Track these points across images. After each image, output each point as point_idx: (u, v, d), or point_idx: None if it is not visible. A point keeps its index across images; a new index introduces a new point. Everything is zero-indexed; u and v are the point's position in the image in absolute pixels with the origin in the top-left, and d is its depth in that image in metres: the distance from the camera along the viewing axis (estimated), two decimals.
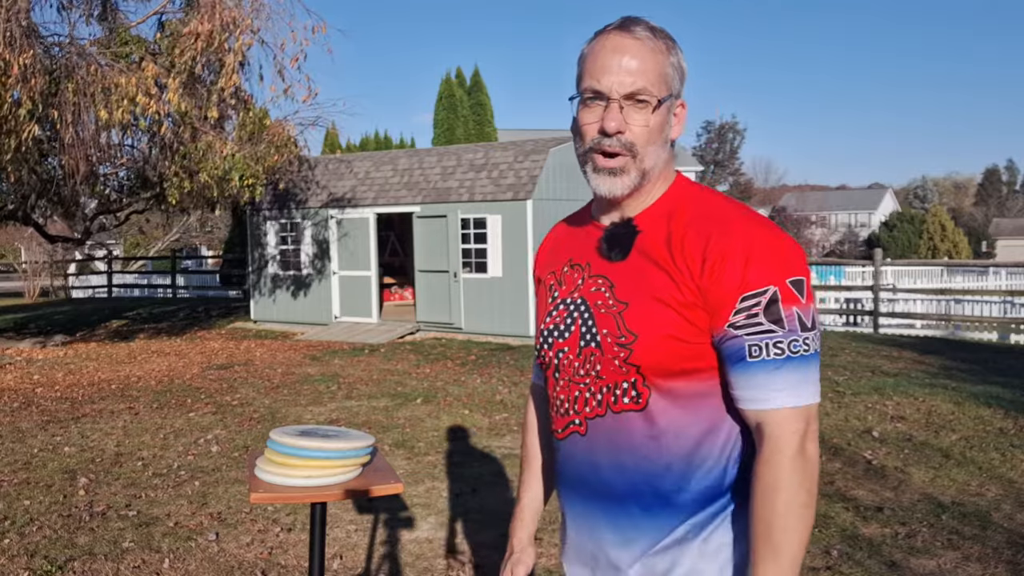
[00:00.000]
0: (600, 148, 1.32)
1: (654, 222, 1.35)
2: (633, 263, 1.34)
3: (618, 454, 1.33)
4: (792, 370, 1.23)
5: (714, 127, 51.82)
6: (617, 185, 1.32)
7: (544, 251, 1.58)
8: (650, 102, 1.30)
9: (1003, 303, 14.14)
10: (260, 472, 1.93)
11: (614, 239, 1.38)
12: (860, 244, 49.79)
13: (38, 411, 7.42)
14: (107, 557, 3.97)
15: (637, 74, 1.29)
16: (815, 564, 3.75)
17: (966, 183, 73.18)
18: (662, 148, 1.34)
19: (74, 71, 9.56)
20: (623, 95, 1.29)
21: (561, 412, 1.42)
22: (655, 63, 1.31)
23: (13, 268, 28.40)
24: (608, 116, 1.30)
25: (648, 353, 1.28)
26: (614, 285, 1.35)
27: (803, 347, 1.23)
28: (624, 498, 1.33)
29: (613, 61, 1.30)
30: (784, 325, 1.23)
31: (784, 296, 1.23)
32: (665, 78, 1.32)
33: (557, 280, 1.48)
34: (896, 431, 6.06)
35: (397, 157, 14.75)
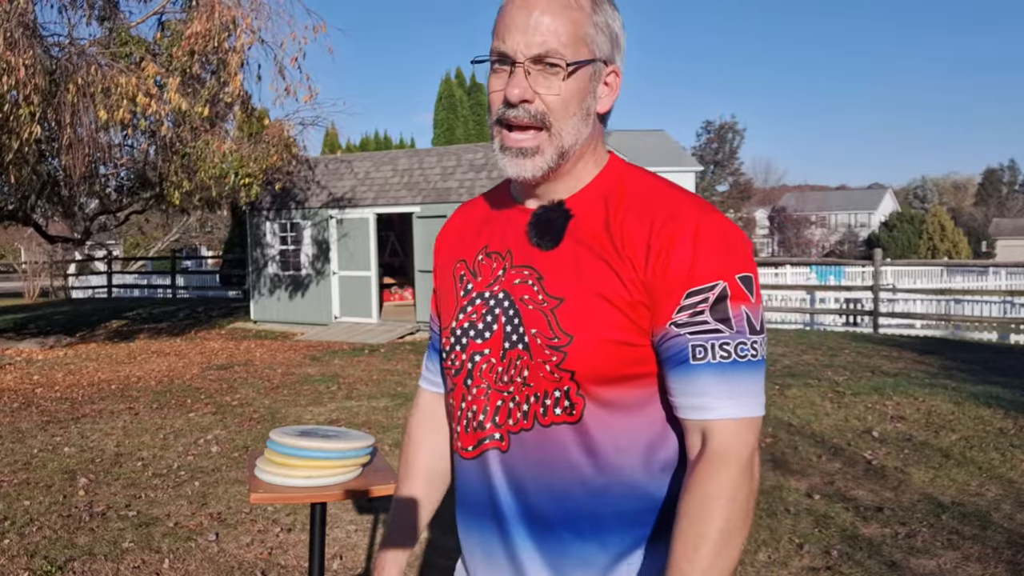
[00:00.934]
0: (506, 120, 1.13)
1: (589, 206, 1.16)
2: (566, 252, 1.15)
3: (547, 474, 1.13)
4: (740, 376, 1.07)
5: (714, 127, 51.75)
6: (527, 167, 1.13)
7: (449, 236, 1.34)
8: (561, 66, 1.10)
9: (1003, 303, 14.14)
10: (260, 472, 1.93)
11: (544, 224, 1.18)
12: (860, 244, 49.80)
13: (38, 411, 7.41)
14: (107, 557, 3.97)
15: (547, 33, 1.09)
16: (815, 564, 3.75)
17: (966, 183, 73.19)
18: (583, 122, 1.14)
19: (75, 71, 9.56)
20: (529, 57, 1.10)
21: (473, 426, 1.19)
22: (570, 21, 1.10)
23: (13, 268, 28.40)
24: (511, 82, 1.10)
25: (585, 358, 1.10)
26: (543, 277, 1.15)
27: (751, 351, 1.07)
28: (555, 524, 1.14)
29: (520, 17, 1.10)
30: (732, 325, 1.07)
31: (733, 293, 1.07)
32: (584, 39, 1.12)
33: (470, 270, 1.25)
34: (896, 431, 6.05)
35: (397, 157, 14.75)
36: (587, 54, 1.12)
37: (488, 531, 1.20)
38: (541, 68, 1.10)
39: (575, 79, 1.12)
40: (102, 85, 9.62)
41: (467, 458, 1.22)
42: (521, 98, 1.10)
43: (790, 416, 6.58)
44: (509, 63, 1.11)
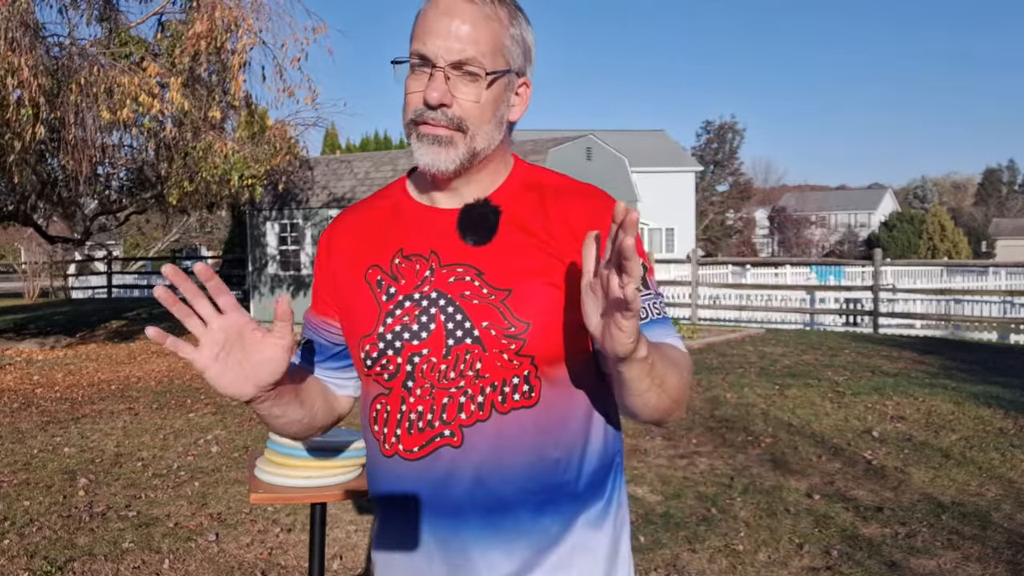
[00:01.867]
0: (422, 119, 1.16)
1: (512, 200, 1.22)
2: (503, 245, 1.19)
3: (505, 458, 1.16)
4: (668, 325, 1.22)
5: (714, 127, 51.75)
6: (441, 157, 1.16)
7: (339, 246, 1.30)
8: (480, 74, 1.14)
9: (1003, 303, 14.15)
10: (260, 472, 1.93)
11: (476, 220, 1.20)
12: (860, 244, 49.81)
13: (38, 412, 7.42)
14: (107, 558, 3.97)
15: (467, 41, 1.13)
16: (815, 564, 3.75)
17: (966, 183, 73.20)
18: (497, 129, 1.19)
19: (77, 71, 9.57)
20: (450, 63, 1.14)
21: (419, 427, 1.18)
22: (490, 31, 1.15)
23: (13, 269, 28.40)
24: (431, 85, 1.14)
25: (544, 341, 1.15)
26: (484, 272, 1.18)
27: (664, 310, 1.24)
28: (514, 505, 1.17)
29: (441, 24, 1.14)
30: (651, 288, 1.21)
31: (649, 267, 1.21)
32: (502, 50, 1.17)
33: (388, 275, 1.23)
34: (896, 431, 6.05)
35: (397, 157, 14.75)
36: (503, 64, 1.17)
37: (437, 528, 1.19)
38: (460, 74, 1.14)
39: (493, 88, 1.16)
40: (105, 85, 9.62)
41: (412, 459, 1.19)
42: (440, 101, 1.14)
43: (790, 416, 6.58)
44: (429, 66, 1.14)
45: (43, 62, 9.07)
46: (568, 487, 1.20)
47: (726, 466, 5.31)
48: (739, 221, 51.89)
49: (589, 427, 1.22)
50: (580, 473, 1.20)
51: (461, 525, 1.18)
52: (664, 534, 4.14)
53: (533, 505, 1.18)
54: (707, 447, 5.75)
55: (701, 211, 44.69)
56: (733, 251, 49.02)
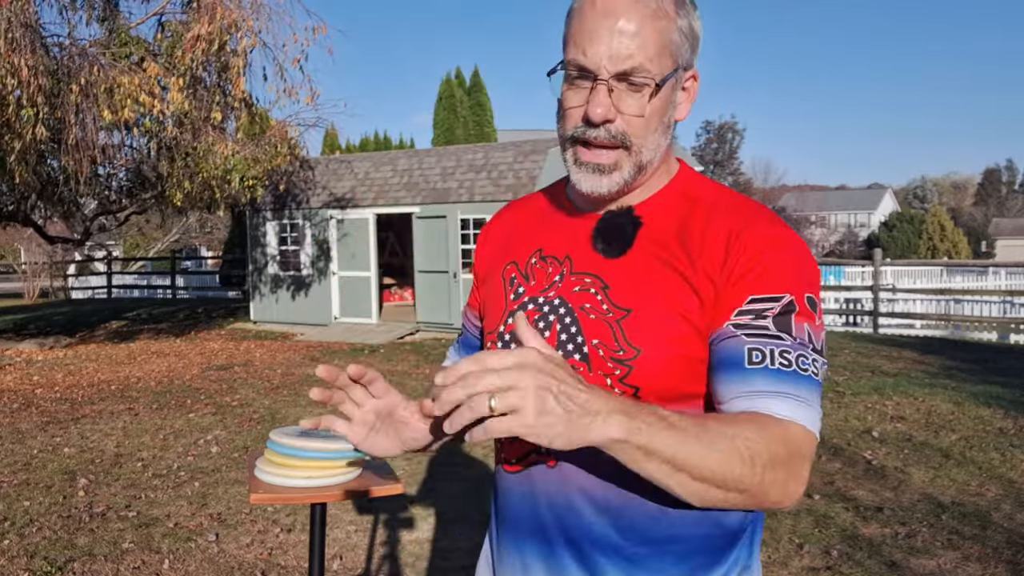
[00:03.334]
0: (584, 138, 1.06)
1: (660, 213, 1.11)
2: (636, 261, 1.09)
3: (598, 490, 1.07)
4: (800, 386, 0.96)
5: (714, 127, 51.81)
6: (603, 183, 1.07)
7: (493, 239, 1.28)
8: (648, 84, 1.03)
9: (1003, 303, 14.15)
10: (260, 473, 1.93)
11: (612, 230, 1.12)
12: (860, 244, 49.81)
13: (38, 412, 7.41)
14: (107, 558, 3.97)
15: (632, 47, 1.01)
16: (815, 564, 3.75)
17: (965, 183, 73.21)
18: (663, 136, 1.08)
19: (77, 72, 9.57)
20: (613, 74, 1.02)
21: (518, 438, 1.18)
22: (656, 30, 1.02)
23: (13, 269, 28.40)
24: (594, 101, 1.03)
25: (652, 373, 1.04)
26: (608, 287, 1.09)
27: (812, 368, 0.98)
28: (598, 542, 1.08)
29: (603, 26, 1.01)
30: (794, 337, 0.99)
31: (800, 309, 1.00)
32: (670, 48, 1.04)
33: (521, 273, 1.19)
34: (896, 431, 6.05)
35: (397, 158, 14.75)
36: (671, 65, 1.05)
37: (529, 552, 1.13)
38: (625, 86, 1.03)
39: (660, 95, 1.05)
40: (105, 85, 9.62)
41: (511, 472, 1.15)
42: (604, 118, 1.03)
43: None
44: (591, 78, 1.03)
45: (43, 62, 9.08)
46: (657, 540, 1.06)
47: None
48: None
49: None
50: (674, 529, 1.06)
51: (556, 555, 1.10)
52: None
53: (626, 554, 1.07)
54: None
55: None
56: None
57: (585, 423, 0.84)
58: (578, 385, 0.86)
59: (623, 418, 0.86)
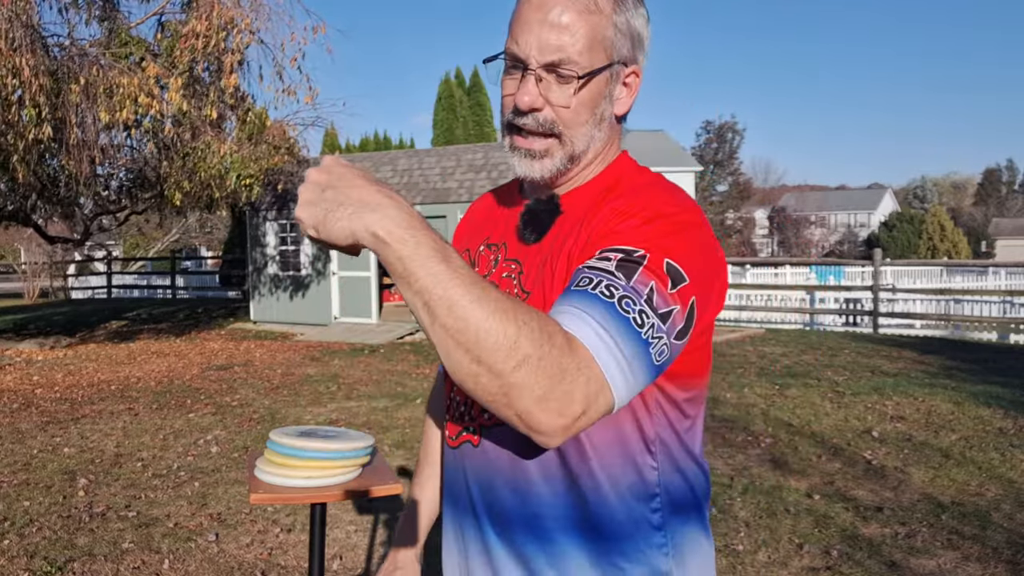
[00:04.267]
0: (516, 125, 1.09)
1: (580, 202, 1.13)
2: (544, 247, 1.12)
3: (519, 469, 1.10)
4: (613, 324, 0.90)
5: (714, 127, 51.75)
6: (535, 168, 1.10)
7: (462, 227, 1.35)
8: (575, 76, 1.05)
9: (1003, 303, 14.15)
10: (260, 473, 1.93)
11: (531, 218, 1.16)
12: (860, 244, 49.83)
13: (38, 412, 7.41)
14: (107, 558, 3.97)
15: (562, 39, 1.04)
16: (815, 564, 3.75)
17: (965, 183, 73.21)
18: (596, 127, 1.10)
19: (78, 72, 9.57)
20: (542, 64, 1.05)
21: (456, 416, 1.19)
22: (587, 25, 1.05)
23: (12, 269, 28.40)
24: (522, 90, 1.06)
25: None
26: (523, 272, 1.13)
27: (636, 316, 0.91)
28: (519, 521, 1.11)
29: (535, 18, 1.04)
30: (630, 281, 0.93)
31: (651, 266, 0.95)
32: (603, 43, 1.06)
33: (471, 260, 1.23)
34: (896, 431, 6.05)
35: (396, 158, 14.75)
36: (603, 59, 1.07)
37: (466, 523, 1.18)
38: (554, 77, 1.06)
39: (588, 88, 1.07)
40: (104, 85, 9.63)
41: (451, 446, 1.21)
42: (530, 107, 1.06)
43: (790, 416, 6.58)
44: (522, 67, 1.07)
45: (44, 62, 9.08)
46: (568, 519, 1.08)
47: (726, 466, 5.31)
48: (739, 221, 51.89)
49: (612, 456, 1.07)
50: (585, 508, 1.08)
51: (482, 525, 1.15)
52: None
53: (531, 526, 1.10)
54: (707, 447, 5.75)
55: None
56: (733, 251, 49.03)
57: (347, 212, 0.86)
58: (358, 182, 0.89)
59: (390, 223, 0.85)
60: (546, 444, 0.90)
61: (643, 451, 1.09)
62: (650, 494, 1.10)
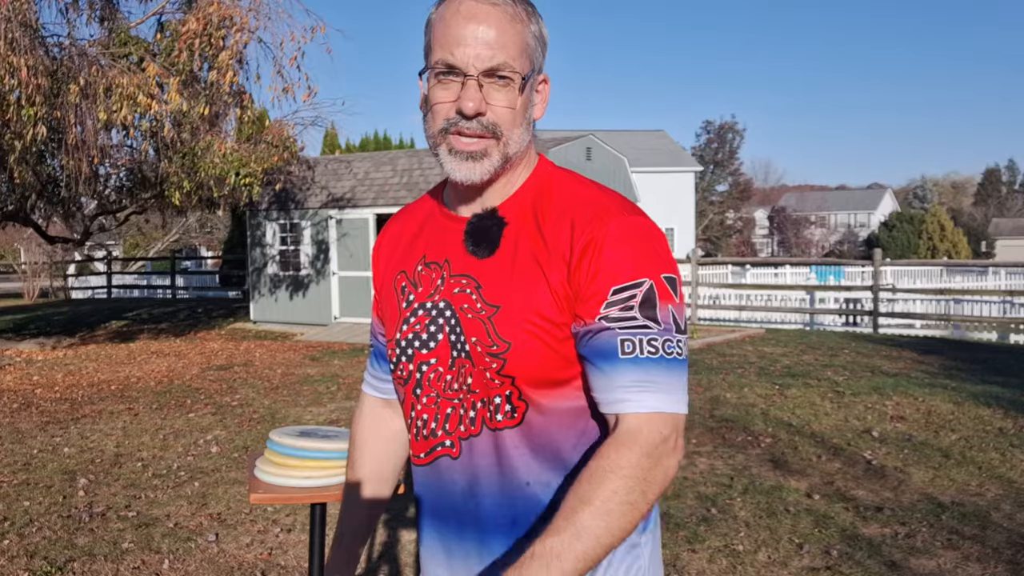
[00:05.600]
0: (458, 130, 1.14)
1: (520, 211, 1.18)
2: (503, 259, 1.16)
3: (497, 477, 1.17)
4: (665, 372, 1.07)
5: (714, 127, 51.77)
6: (476, 170, 1.15)
7: (385, 246, 1.36)
8: (513, 80, 1.13)
9: (1003, 303, 14.15)
10: (260, 473, 1.93)
11: (480, 232, 1.19)
12: (860, 244, 49.84)
13: (37, 412, 7.41)
14: (107, 558, 3.97)
15: (496, 47, 1.11)
16: (815, 564, 3.75)
17: (965, 183, 73.22)
18: (526, 131, 1.17)
19: (77, 72, 9.57)
20: (482, 71, 1.11)
21: (424, 434, 1.23)
22: (516, 34, 1.13)
23: (12, 269, 28.41)
24: (466, 95, 1.11)
25: (523, 364, 1.13)
26: (481, 286, 1.17)
27: (677, 349, 1.09)
28: (505, 525, 1.18)
29: (467, 31, 1.11)
30: (660, 323, 1.08)
31: (660, 292, 1.09)
32: (527, 51, 1.14)
33: (411, 281, 1.26)
34: (896, 431, 6.05)
35: (397, 157, 14.75)
36: (529, 66, 1.15)
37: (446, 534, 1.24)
38: (492, 81, 1.12)
39: (524, 91, 1.15)
40: (103, 85, 9.62)
41: (419, 465, 1.26)
42: (476, 111, 1.12)
43: (790, 416, 6.58)
44: (460, 75, 1.12)
45: (43, 62, 9.08)
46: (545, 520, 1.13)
47: (726, 466, 5.31)
48: (739, 221, 51.92)
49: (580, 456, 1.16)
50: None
51: (464, 535, 1.21)
52: (664, 534, 4.13)
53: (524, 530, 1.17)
54: (707, 447, 5.75)
55: (701, 211, 44.70)
56: (733, 251, 49.04)
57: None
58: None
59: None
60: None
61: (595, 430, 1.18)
62: None
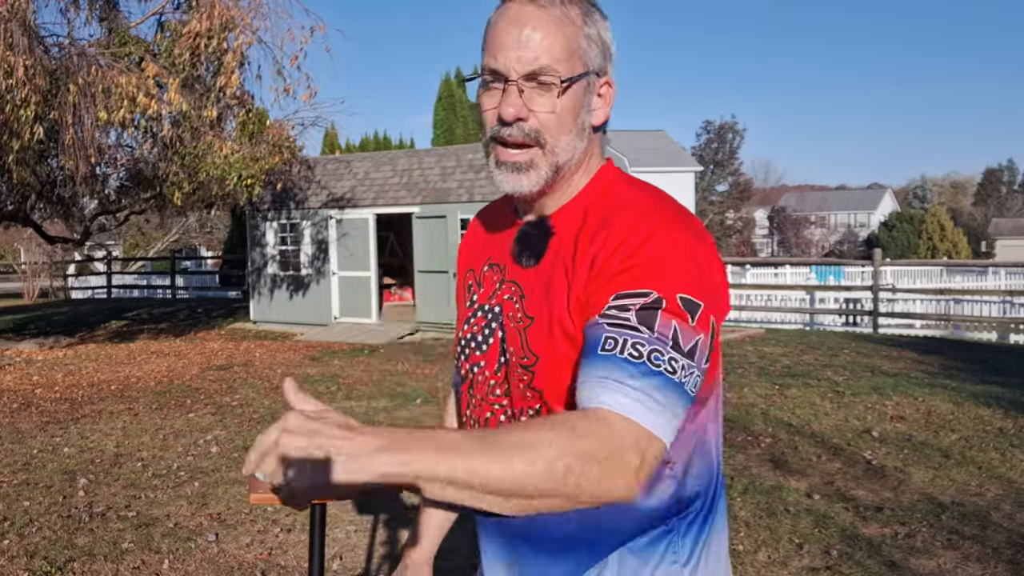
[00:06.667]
0: (500, 137, 1.11)
1: (571, 220, 1.14)
2: (543, 270, 1.13)
3: None
4: (644, 381, 0.94)
5: (714, 127, 51.75)
6: (523, 182, 1.11)
7: (466, 245, 1.35)
8: (555, 83, 1.08)
9: (1003, 303, 14.14)
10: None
11: (525, 241, 1.17)
12: (859, 244, 49.84)
13: (37, 412, 7.41)
14: (107, 558, 3.97)
15: (539, 50, 1.07)
16: (815, 564, 3.75)
17: (965, 183, 73.20)
18: (579, 137, 1.12)
19: (76, 72, 9.56)
20: (523, 75, 1.08)
21: None
22: (563, 35, 1.08)
23: (12, 269, 28.40)
24: (505, 101, 1.08)
25: (550, 378, 1.09)
26: (524, 296, 1.14)
27: (667, 366, 0.95)
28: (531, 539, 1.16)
29: (511, 35, 1.08)
30: (654, 331, 0.96)
31: (670, 307, 0.98)
32: (577, 53, 1.10)
33: (476, 280, 1.25)
34: (896, 431, 6.05)
35: (396, 157, 14.75)
36: (580, 68, 1.10)
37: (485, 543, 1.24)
38: (535, 85, 1.08)
39: (569, 95, 1.10)
40: (103, 85, 9.62)
41: None
42: (515, 116, 1.09)
43: (790, 416, 6.58)
44: (502, 80, 1.09)
45: (42, 62, 9.07)
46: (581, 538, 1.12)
47: (726, 466, 5.31)
48: (739, 221, 51.89)
49: None
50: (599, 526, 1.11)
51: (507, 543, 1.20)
52: None
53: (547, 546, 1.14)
54: None
55: (701, 211, 44.70)
56: (733, 251, 49.02)
57: (351, 467, 0.85)
58: (337, 433, 0.86)
59: (387, 456, 0.85)
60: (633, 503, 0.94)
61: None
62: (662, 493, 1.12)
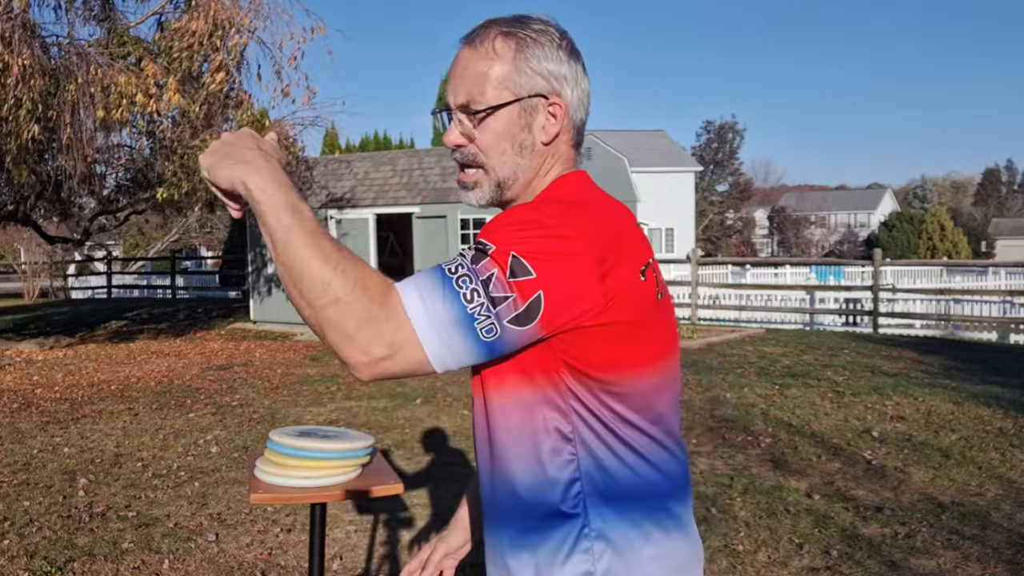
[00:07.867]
0: (456, 161, 1.29)
1: None
2: None
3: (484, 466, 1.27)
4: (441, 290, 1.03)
5: (714, 127, 51.76)
6: (472, 198, 1.27)
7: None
8: (478, 111, 1.21)
9: (1003, 303, 14.15)
10: (260, 473, 1.93)
11: None
12: (859, 244, 49.85)
13: (37, 412, 7.41)
14: (107, 558, 3.97)
15: (467, 83, 1.21)
16: (815, 564, 3.75)
17: (965, 183, 73.22)
18: (519, 155, 1.22)
19: (74, 71, 9.56)
20: (457, 106, 1.23)
21: None
22: (486, 67, 1.20)
23: (12, 269, 28.41)
24: (447, 132, 1.26)
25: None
26: None
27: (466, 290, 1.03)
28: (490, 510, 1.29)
29: (451, 74, 1.25)
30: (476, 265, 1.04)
31: (496, 256, 1.04)
32: (505, 83, 1.20)
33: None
34: (896, 431, 6.06)
35: (396, 158, 14.75)
36: (508, 96, 1.21)
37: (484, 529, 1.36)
38: (469, 116, 1.22)
39: (500, 120, 1.21)
40: (101, 85, 9.62)
41: None
42: (454, 144, 1.24)
43: (790, 416, 6.58)
44: (448, 112, 1.26)
45: (40, 62, 9.07)
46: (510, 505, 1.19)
47: (726, 466, 5.31)
48: (739, 221, 51.92)
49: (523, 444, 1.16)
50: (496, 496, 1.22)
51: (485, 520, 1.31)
52: None
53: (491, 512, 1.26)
54: (707, 447, 5.75)
55: (701, 211, 44.69)
56: (733, 251, 49.04)
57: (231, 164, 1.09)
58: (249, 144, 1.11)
59: (259, 177, 1.07)
60: (357, 377, 1.06)
61: (558, 438, 1.14)
62: (566, 481, 1.14)
